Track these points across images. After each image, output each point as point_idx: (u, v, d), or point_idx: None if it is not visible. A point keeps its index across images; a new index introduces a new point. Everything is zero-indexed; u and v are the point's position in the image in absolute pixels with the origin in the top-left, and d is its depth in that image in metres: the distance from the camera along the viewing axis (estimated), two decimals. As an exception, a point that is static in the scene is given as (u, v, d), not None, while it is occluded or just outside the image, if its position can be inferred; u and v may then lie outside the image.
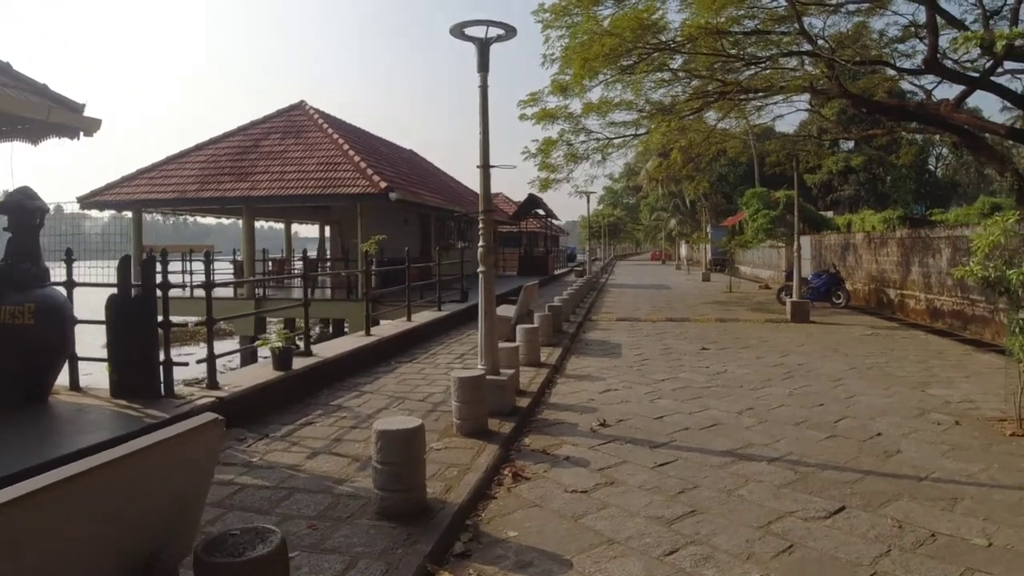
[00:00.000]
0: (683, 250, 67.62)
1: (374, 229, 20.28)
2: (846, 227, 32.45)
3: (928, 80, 20.22)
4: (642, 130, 23.64)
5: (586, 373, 10.17)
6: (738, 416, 7.63)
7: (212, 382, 7.13)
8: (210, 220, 29.95)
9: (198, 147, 22.45)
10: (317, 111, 23.47)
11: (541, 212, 36.48)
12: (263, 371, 8.27)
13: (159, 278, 6.70)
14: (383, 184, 18.16)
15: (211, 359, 7.16)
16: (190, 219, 27.93)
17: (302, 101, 23.88)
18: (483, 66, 7.52)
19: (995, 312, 13.60)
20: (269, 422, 6.99)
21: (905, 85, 22.06)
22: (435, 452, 6.06)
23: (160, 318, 6.62)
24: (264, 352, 10.59)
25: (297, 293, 21.03)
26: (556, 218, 43.75)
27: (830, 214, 40.10)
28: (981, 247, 7.11)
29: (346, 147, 20.37)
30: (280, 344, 8.26)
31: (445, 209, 25.41)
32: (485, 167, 7.65)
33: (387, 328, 12.49)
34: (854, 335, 14.21)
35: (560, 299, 16.01)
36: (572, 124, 23.48)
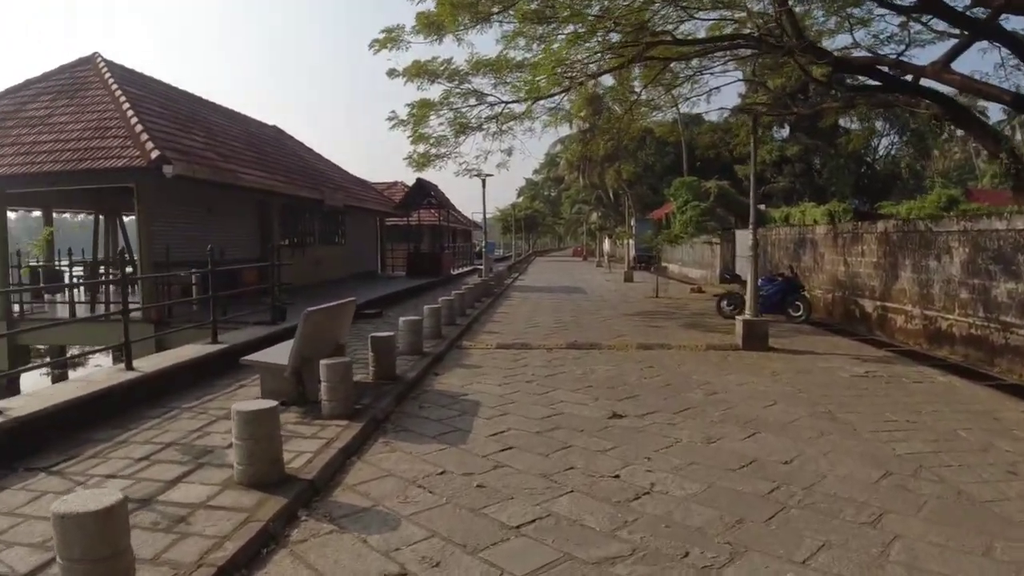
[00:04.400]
0: (606, 246, 63.24)
1: (165, 220, 14.73)
2: (783, 221, 28.43)
3: (890, 49, 15.94)
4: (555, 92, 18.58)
5: (366, 506, 4.91)
6: None
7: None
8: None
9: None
10: (111, 65, 17.40)
11: (434, 201, 31.03)
12: None
13: None
14: (155, 153, 12.47)
15: None
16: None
17: (94, 54, 17.74)
18: None
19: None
20: None
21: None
22: None
23: None
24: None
25: (82, 309, 15.34)
26: (454, 208, 38.23)
27: (762, 207, 36.34)
28: None
29: (126, 107, 14.53)
30: None
31: (297, 197, 19.76)
32: None
33: (64, 389, 7.04)
34: (842, 377, 9.39)
35: (408, 320, 10.79)
36: (458, 83, 18.36)
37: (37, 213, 20.31)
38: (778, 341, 11.95)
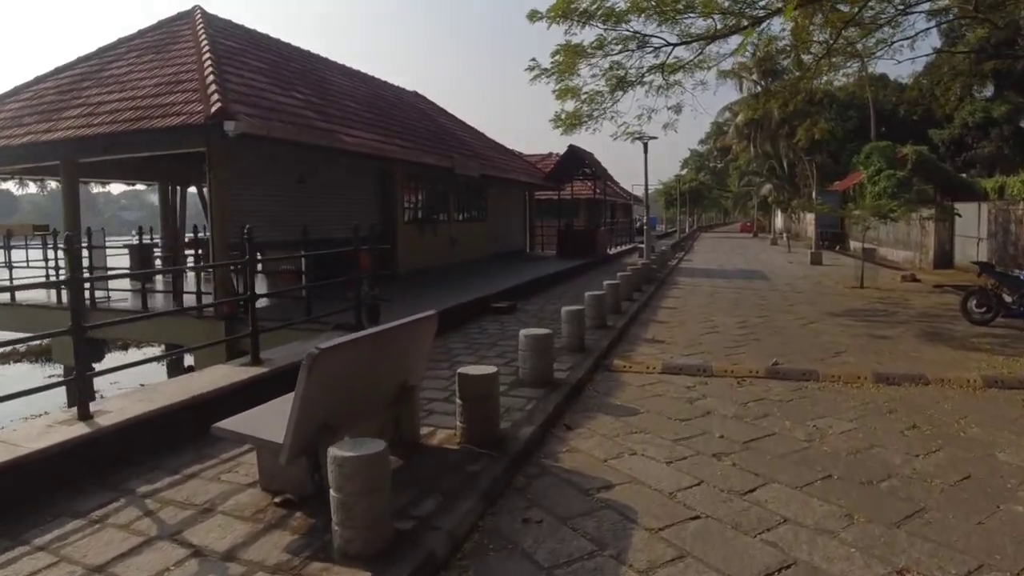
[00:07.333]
0: (779, 221, 57.25)
1: (246, 192, 12.24)
2: (997, 192, 23.26)
3: None
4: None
5: None
6: None
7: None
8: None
9: (39, 79, 14.64)
10: (210, 18, 15.04)
11: (590, 171, 27.47)
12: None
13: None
14: (216, 107, 9.75)
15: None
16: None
17: (195, 7, 15.48)
18: None
19: None
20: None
21: None
22: None
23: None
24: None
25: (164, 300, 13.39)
26: (611, 179, 34.32)
27: (964, 176, 30.82)
28: None
29: (206, 57, 12.01)
30: None
31: (422, 165, 16.78)
32: None
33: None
34: None
35: (532, 336, 7.43)
36: (614, 23, 14.90)
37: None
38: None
